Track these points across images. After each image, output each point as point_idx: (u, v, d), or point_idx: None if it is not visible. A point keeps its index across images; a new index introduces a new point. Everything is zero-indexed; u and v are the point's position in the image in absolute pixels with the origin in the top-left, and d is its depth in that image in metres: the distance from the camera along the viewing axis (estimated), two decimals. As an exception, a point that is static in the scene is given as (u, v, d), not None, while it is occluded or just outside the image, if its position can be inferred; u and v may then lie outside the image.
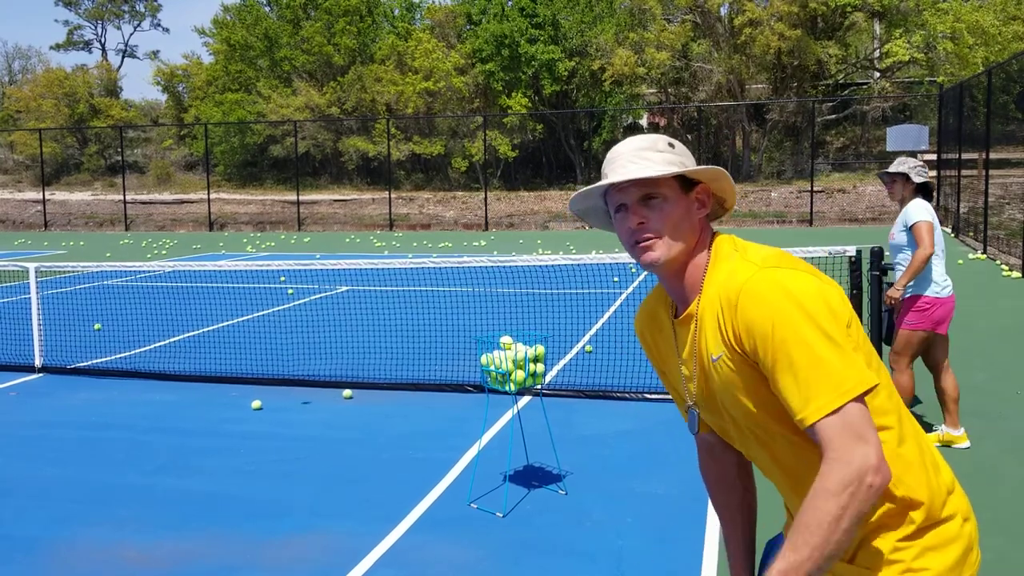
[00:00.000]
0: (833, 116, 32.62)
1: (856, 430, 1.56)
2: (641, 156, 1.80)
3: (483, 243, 22.77)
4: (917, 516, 1.71)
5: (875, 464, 1.55)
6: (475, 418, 6.37)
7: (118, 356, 9.02)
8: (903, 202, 5.61)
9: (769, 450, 1.80)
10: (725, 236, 1.87)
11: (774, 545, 2.08)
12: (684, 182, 1.82)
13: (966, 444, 5.56)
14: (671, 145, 1.83)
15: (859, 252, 6.62)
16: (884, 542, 1.71)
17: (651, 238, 1.79)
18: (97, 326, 10.68)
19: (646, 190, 1.79)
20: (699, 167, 1.83)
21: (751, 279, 1.68)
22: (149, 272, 15.76)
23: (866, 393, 1.60)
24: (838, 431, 1.56)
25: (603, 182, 1.82)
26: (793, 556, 1.55)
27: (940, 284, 5.56)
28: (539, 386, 5.01)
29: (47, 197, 33.91)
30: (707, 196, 1.86)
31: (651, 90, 34.14)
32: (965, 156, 20.31)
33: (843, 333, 1.63)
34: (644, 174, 1.76)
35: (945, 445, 5.52)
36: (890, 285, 6.38)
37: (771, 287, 1.65)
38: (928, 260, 5.42)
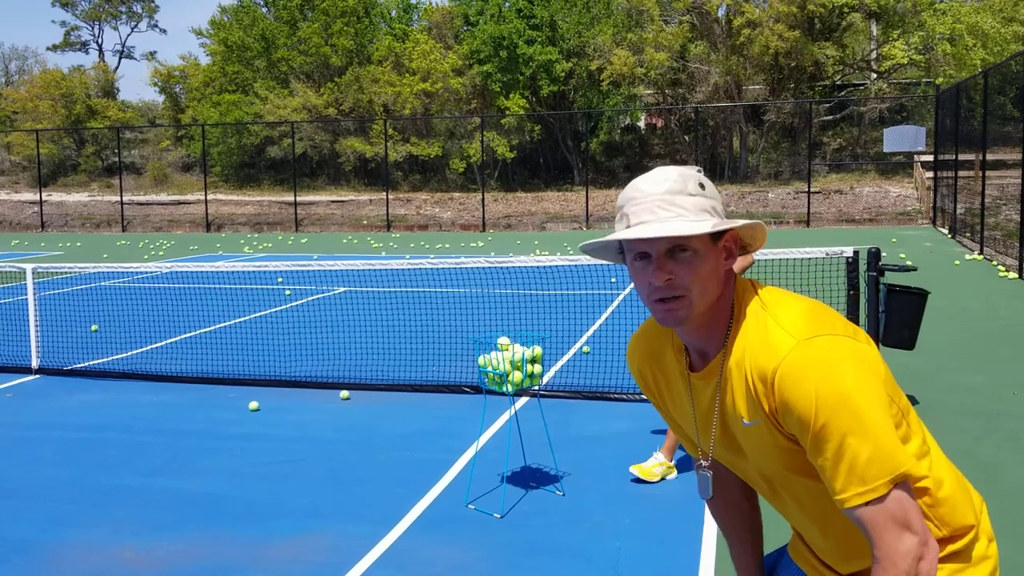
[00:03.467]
0: (830, 117, 32.65)
1: (900, 519, 1.53)
2: (672, 202, 1.63)
3: (480, 244, 22.77)
4: (954, 545, 1.71)
5: (920, 552, 1.53)
6: (473, 419, 6.37)
7: (115, 357, 9.01)
8: None
9: (797, 500, 1.76)
10: (747, 283, 1.74)
11: (775, 561, 2.06)
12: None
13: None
14: (702, 186, 1.66)
15: (856, 253, 6.63)
16: None
17: (678, 297, 1.64)
18: (94, 327, 10.66)
19: (675, 242, 1.62)
20: (742, 221, 1.68)
21: (789, 358, 1.57)
22: (146, 273, 15.75)
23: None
24: (881, 520, 1.54)
25: (630, 234, 1.62)
26: None
27: None
28: (536, 387, 5.01)
29: (44, 198, 33.86)
30: (735, 245, 1.71)
31: (649, 91, 34.14)
32: (962, 157, 20.33)
33: (885, 407, 1.57)
34: (681, 231, 1.58)
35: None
36: (888, 287, 6.39)
37: (812, 369, 1.55)
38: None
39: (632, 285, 1.76)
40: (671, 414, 1.95)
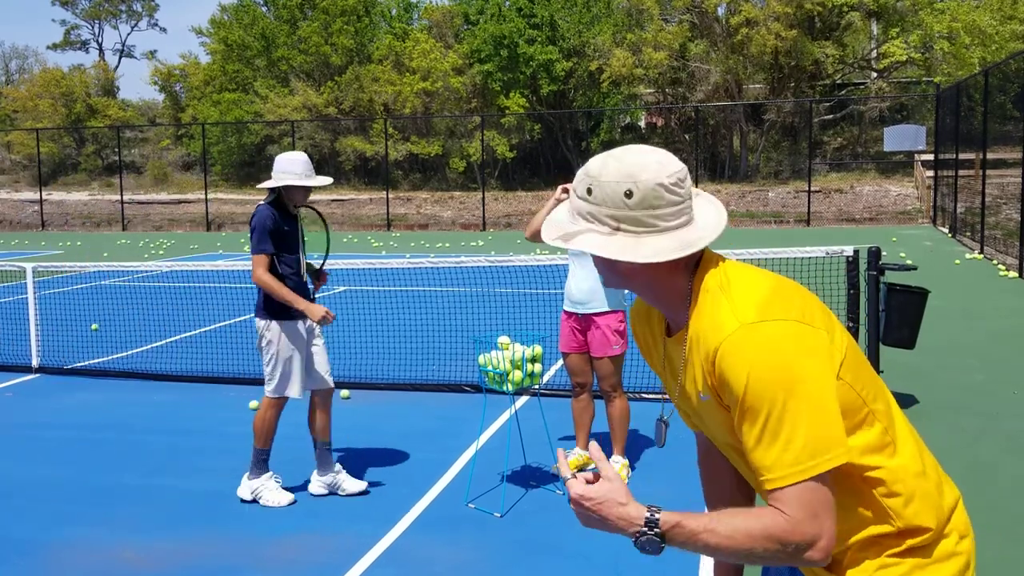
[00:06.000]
0: (830, 116, 32.63)
1: (812, 509, 1.53)
2: (574, 214, 1.72)
3: (481, 243, 22.77)
4: (913, 540, 1.67)
5: (823, 546, 1.53)
6: (473, 418, 6.37)
7: (115, 356, 9.01)
8: None
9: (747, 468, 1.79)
10: (712, 259, 1.73)
11: None
12: None
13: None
14: (589, 191, 1.67)
15: (856, 252, 6.62)
16: (873, 557, 1.68)
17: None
18: (94, 326, 10.66)
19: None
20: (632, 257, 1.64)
21: (728, 339, 1.59)
22: (146, 272, 15.74)
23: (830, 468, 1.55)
24: (794, 504, 1.54)
25: (557, 243, 1.70)
26: (694, 523, 1.61)
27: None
28: (537, 386, 5.01)
29: (44, 197, 33.85)
30: None
31: (649, 90, 34.13)
32: (962, 156, 20.32)
33: (824, 395, 1.56)
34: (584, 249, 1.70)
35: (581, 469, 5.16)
36: (888, 285, 6.39)
37: (746, 352, 1.57)
38: None
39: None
40: (657, 371, 2.00)
